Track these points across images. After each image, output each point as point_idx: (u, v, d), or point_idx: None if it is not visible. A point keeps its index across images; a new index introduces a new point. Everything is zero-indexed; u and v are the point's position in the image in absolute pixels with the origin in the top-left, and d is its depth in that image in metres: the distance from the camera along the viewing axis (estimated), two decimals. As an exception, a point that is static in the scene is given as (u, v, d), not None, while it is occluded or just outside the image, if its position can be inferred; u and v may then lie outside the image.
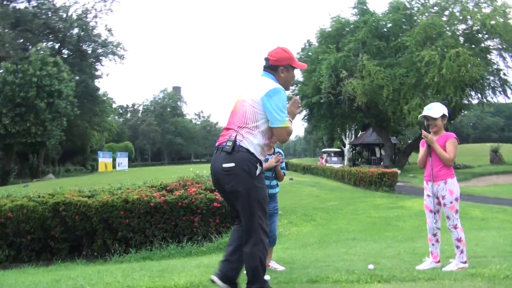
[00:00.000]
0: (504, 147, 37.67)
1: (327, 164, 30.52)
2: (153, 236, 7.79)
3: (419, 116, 3.93)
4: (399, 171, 19.22)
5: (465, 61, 21.89)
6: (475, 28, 25.38)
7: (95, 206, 7.79)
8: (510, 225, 6.58)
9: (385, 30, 29.46)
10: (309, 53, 35.04)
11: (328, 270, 3.41)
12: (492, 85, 27.59)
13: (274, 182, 3.99)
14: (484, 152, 35.01)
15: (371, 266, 3.50)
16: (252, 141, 2.66)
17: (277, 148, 4.18)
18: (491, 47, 26.09)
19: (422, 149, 3.84)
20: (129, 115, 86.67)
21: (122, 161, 41.29)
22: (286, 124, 2.67)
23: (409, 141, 38.66)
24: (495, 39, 24.97)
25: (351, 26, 30.34)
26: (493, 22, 23.14)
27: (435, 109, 3.71)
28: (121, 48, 39.21)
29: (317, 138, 61.84)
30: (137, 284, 3.34)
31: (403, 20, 28.41)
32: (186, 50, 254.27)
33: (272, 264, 4.10)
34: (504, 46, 24.68)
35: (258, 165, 2.66)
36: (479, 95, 28.20)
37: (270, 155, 3.88)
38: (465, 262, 3.37)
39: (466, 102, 28.33)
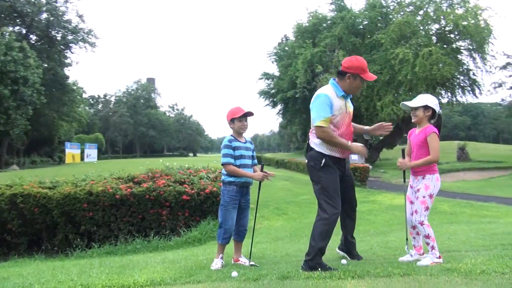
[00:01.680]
0: (470, 145, 39.14)
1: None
2: (118, 230, 7.43)
3: (401, 104, 3.78)
4: (370, 167, 19.43)
5: (437, 60, 22.30)
6: (447, 28, 25.88)
7: (56, 198, 7.35)
8: (478, 219, 6.62)
9: (361, 27, 29.66)
10: (286, 48, 34.88)
11: (299, 266, 3.22)
12: (462, 84, 28.28)
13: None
14: (452, 150, 36.07)
15: (343, 261, 3.35)
16: (314, 141, 3.48)
17: (248, 138, 4.02)
18: (462, 48, 26.68)
19: (408, 142, 3.76)
20: (100, 106, 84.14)
21: (91, 152, 39.96)
22: (319, 124, 3.32)
23: (380, 137, 39.30)
24: (466, 40, 25.54)
25: (328, 22, 30.40)
26: (465, 23, 23.63)
27: (417, 99, 3.60)
28: (92, 35, 37.62)
29: (291, 133, 61.97)
30: (92, 283, 3.05)
31: (379, 18, 28.69)
32: (162, 41, 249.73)
33: (241, 259, 3.89)
34: (474, 47, 25.29)
35: (323, 159, 3.37)
36: (449, 94, 28.88)
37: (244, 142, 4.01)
38: (439, 257, 3.27)
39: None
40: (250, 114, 3.95)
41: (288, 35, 41.25)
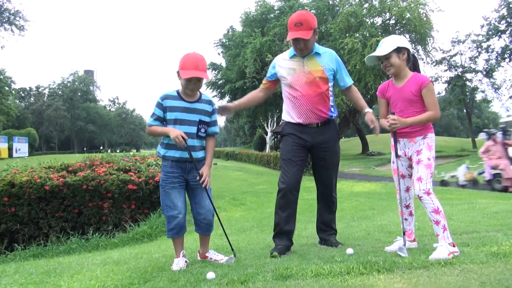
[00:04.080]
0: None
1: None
2: (48, 228, 6.18)
3: (365, 58, 2.89)
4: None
5: (385, 51, 22.60)
6: (392, 21, 26.43)
7: (-36, 191, 5.96)
8: (450, 202, 6.27)
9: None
10: (233, 38, 33.99)
11: (294, 260, 2.41)
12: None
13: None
14: (394, 141, 37.33)
15: (350, 251, 2.58)
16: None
17: (206, 96, 2.94)
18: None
19: (381, 102, 2.95)
20: (32, 99, 77.65)
21: (21, 147, 36.38)
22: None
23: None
24: (410, 33, 26.23)
25: (276, 12, 29.95)
26: (409, 15, 24.19)
27: (384, 45, 2.73)
28: (20, 17, 33.90)
29: (238, 127, 61.14)
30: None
31: (326, 11, 28.70)
32: (102, 32, 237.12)
33: (211, 255, 3.00)
34: (417, 38, 26.02)
35: (283, 127, 3.22)
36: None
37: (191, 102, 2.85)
38: (453, 245, 2.46)
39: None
40: (202, 77, 2.76)
41: (234, 26, 40.36)
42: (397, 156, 2.80)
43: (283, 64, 3.12)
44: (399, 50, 2.71)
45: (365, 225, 4.11)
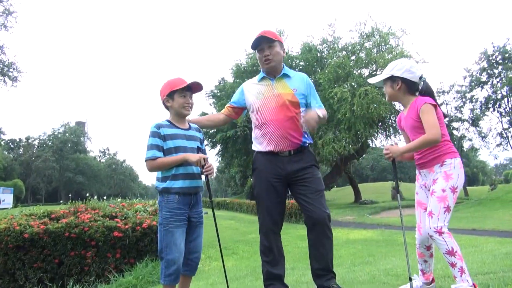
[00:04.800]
0: (401, 185, 40.82)
1: None
2: (25, 280, 5.72)
3: (369, 79, 2.88)
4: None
5: (374, 99, 23.07)
6: (378, 72, 27.31)
7: None
8: (461, 245, 6.00)
9: (299, 69, 30.42)
10: (225, 89, 34.64)
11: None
12: (394, 125, 29.62)
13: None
14: (385, 190, 37.36)
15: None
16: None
17: (194, 125, 2.85)
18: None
19: (403, 134, 2.85)
20: (21, 150, 76.87)
21: (5, 197, 35.41)
22: None
23: (324, 175, 39.67)
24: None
25: (266, 64, 30.78)
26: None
27: (385, 70, 2.67)
28: (14, 69, 34.34)
29: (230, 177, 60.72)
30: None
31: (315, 63, 29.65)
32: (96, 84, 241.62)
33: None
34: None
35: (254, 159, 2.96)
36: (385, 134, 30.00)
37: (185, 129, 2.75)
38: (473, 286, 2.25)
39: (371, 142, 29.96)
40: (197, 87, 2.68)
41: (226, 78, 41.31)
42: (397, 191, 2.66)
43: (252, 89, 2.95)
44: (393, 79, 2.63)
45: (368, 269, 3.83)
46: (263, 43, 2.85)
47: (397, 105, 23.62)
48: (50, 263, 5.85)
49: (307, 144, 2.85)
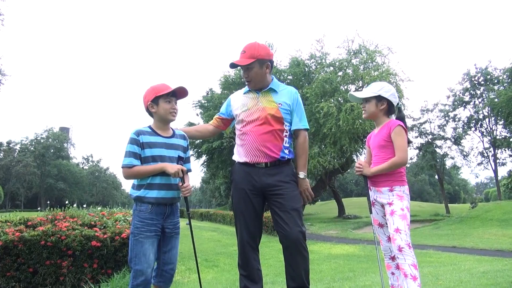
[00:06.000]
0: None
1: None
2: (-4, 289, 5.53)
3: (349, 94, 3.04)
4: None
5: (359, 115, 23.36)
6: (364, 88, 27.74)
7: None
8: (431, 264, 6.03)
9: (287, 83, 30.67)
10: (212, 99, 34.65)
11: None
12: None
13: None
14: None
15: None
16: None
17: (179, 131, 2.82)
18: (378, 106, 28.61)
19: (367, 150, 2.96)
20: (1, 154, 75.14)
21: (-17, 203, 34.42)
22: None
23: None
24: (381, 99, 27.45)
25: (255, 76, 30.96)
26: (380, 83, 25.48)
27: (371, 88, 2.83)
28: (-2, 72, 33.84)
29: (214, 188, 60.33)
30: None
31: (302, 77, 29.97)
32: (80, 90, 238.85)
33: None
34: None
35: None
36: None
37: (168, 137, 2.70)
38: None
39: (355, 157, 30.22)
40: (182, 92, 2.66)
41: (213, 89, 41.38)
42: (370, 203, 2.78)
43: (238, 100, 3.01)
44: (379, 98, 2.75)
45: (347, 285, 3.82)
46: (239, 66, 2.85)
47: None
48: (24, 272, 5.67)
49: (286, 158, 2.79)
